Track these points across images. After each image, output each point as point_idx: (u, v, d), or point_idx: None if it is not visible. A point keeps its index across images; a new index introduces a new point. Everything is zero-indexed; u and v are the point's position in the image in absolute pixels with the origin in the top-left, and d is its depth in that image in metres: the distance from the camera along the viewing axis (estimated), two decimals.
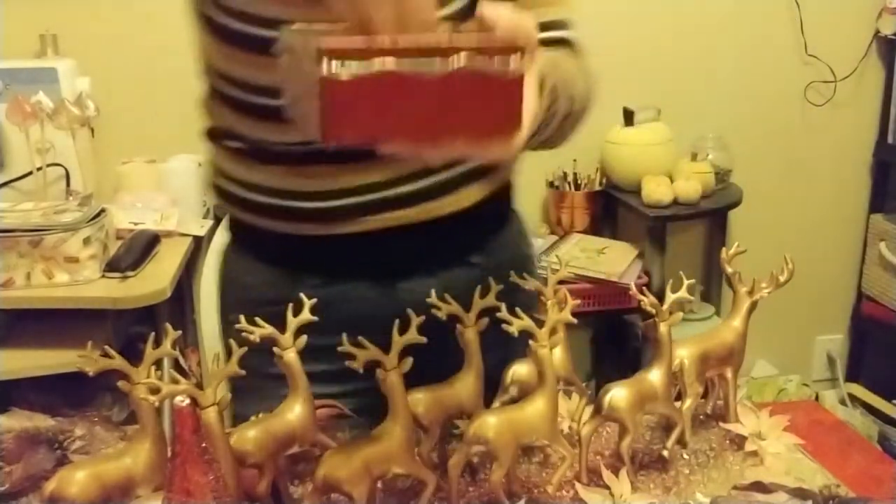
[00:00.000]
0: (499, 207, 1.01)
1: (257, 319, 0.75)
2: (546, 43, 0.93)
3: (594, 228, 2.43)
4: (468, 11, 0.85)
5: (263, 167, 0.90)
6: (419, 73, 0.58)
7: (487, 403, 0.81)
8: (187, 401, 0.68)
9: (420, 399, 0.77)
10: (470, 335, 0.78)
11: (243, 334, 0.74)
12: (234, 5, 0.82)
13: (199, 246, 1.92)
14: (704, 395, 0.88)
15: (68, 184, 1.91)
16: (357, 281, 0.93)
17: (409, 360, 0.70)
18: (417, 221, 0.91)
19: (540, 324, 0.74)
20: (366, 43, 0.58)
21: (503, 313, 0.75)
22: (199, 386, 0.68)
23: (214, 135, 0.94)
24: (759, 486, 0.76)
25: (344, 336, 0.70)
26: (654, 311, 0.79)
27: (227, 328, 0.99)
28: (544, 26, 0.93)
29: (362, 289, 0.93)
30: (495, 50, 0.59)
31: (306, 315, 0.75)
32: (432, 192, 0.91)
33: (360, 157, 0.87)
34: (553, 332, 0.74)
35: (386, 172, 0.88)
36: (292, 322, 0.75)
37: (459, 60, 0.58)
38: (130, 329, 1.75)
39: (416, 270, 0.94)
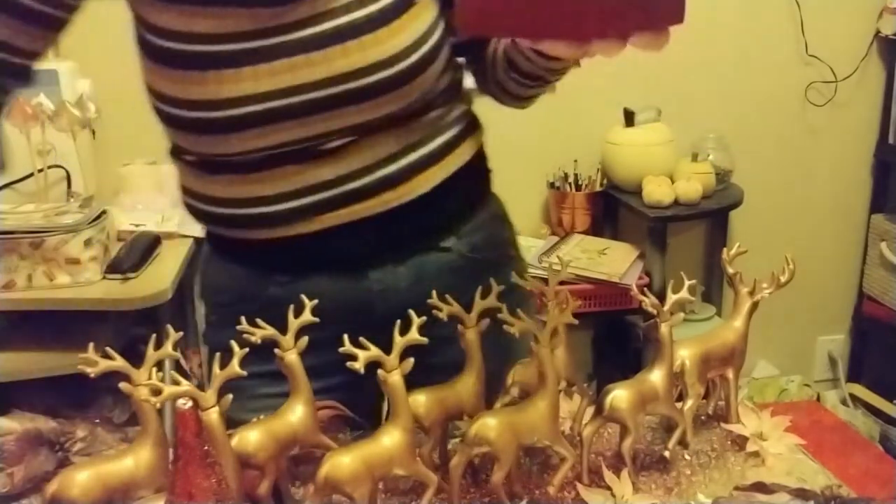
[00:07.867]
0: (465, 191, 0.99)
1: (258, 321, 0.75)
2: None
3: (595, 229, 2.43)
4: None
5: (213, 178, 0.92)
6: None
7: (489, 405, 0.81)
8: (189, 403, 0.68)
9: (421, 400, 0.77)
10: (471, 336, 0.78)
11: (245, 335, 0.74)
12: (162, 24, 0.85)
13: (200, 247, 1.92)
14: (706, 396, 0.88)
15: (69, 185, 1.91)
16: (325, 274, 0.93)
17: (411, 361, 0.70)
18: (376, 214, 0.91)
19: (541, 325, 0.74)
20: None
21: (504, 314, 0.75)
22: (201, 388, 0.68)
23: (173, 152, 0.96)
24: (760, 487, 0.76)
25: (345, 336, 0.70)
26: (655, 311, 0.79)
27: (207, 330, 1.03)
28: None
29: (331, 281, 0.93)
30: None
31: (307, 316, 0.76)
32: (385, 184, 0.91)
33: (304, 157, 0.88)
34: (554, 332, 0.74)
35: (335, 169, 0.89)
36: (293, 323, 0.75)
37: None
38: (131, 331, 1.75)
39: (385, 259, 0.94)
